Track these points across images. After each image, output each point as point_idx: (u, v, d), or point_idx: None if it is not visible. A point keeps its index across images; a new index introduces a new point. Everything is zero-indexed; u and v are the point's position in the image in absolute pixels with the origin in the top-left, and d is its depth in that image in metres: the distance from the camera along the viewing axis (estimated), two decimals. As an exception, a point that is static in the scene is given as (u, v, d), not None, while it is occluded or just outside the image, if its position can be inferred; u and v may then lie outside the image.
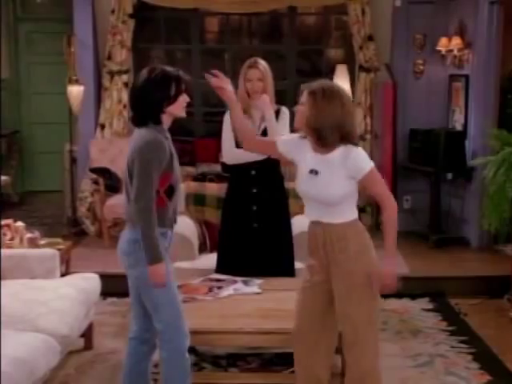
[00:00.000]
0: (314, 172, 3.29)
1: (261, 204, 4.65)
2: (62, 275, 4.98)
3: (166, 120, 3.50)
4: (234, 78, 8.95)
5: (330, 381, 3.53)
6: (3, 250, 4.84)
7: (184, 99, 3.48)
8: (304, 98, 3.27)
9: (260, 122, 4.62)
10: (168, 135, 3.51)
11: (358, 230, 3.36)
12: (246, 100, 4.60)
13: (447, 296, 5.99)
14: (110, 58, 7.68)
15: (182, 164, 8.04)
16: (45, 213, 8.61)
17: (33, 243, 5.37)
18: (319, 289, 3.38)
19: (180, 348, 3.50)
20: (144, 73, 3.45)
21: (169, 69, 3.48)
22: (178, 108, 3.49)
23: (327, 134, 3.21)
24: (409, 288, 5.89)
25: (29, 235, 5.43)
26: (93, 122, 7.76)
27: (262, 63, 4.63)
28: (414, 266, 6.42)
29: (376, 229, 6.99)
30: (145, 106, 3.42)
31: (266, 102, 4.49)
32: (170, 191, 3.44)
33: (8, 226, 5.33)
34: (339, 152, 3.25)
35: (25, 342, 3.67)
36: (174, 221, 3.54)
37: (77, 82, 7.43)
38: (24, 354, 3.56)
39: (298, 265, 4.85)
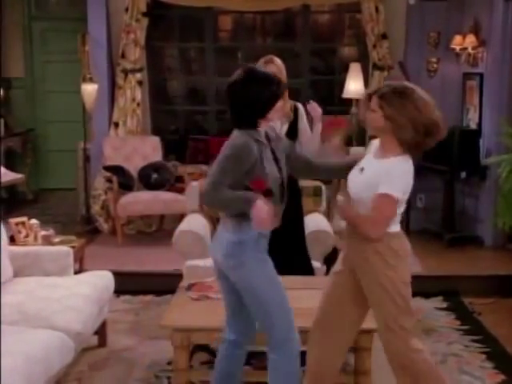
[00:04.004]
0: (361, 169, 3.29)
1: None
2: (76, 273, 5.02)
3: (264, 124, 3.38)
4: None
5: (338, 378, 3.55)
6: (18, 248, 4.88)
7: (279, 104, 3.41)
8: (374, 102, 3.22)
9: (281, 125, 4.59)
10: (264, 139, 3.35)
11: (390, 245, 3.24)
12: None
13: (461, 295, 5.96)
14: (123, 56, 7.69)
15: (195, 162, 8.19)
16: (59, 210, 8.64)
17: (47, 241, 5.41)
18: (349, 279, 3.38)
19: (291, 351, 3.38)
20: (248, 74, 3.31)
21: (269, 72, 3.41)
22: (274, 113, 3.39)
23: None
24: (422, 287, 5.85)
25: (43, 233, 5.47)
26: (106, 120, 7.78)
27: (278, 60, 4.62)
28: (427, 264, 6.40)
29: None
30: (250, 109, 3.29)
31: (317, 111, 4.48)
32: (270, 194, 3.31)
33: (23, 223, 5.37)
34: (391, 161, 3.20)
35: (39, 339, 3.69)
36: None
37: (91, 80, 7.46)
38: (38, 351, 3.58)
39: (314, 264, 4.88)
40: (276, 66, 4.57)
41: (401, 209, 3.28)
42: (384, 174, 3.16)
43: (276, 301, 3.35)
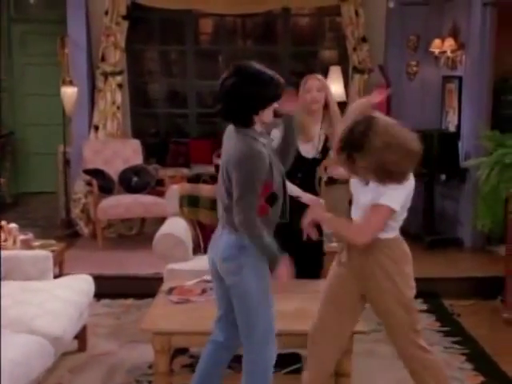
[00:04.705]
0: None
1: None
2: (56, 277, 4.99)
3: (258, 124, 3.31)
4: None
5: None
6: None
7: (275, 105, 3.33)
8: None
9: (318, 142, 4.57)
10: (265, 140, 3.32)
11: (388, 253, 3.35)
12: (304, 114, 4.49)
13: (441, 297, 5.99)
14: (103, 59, 7.67)
15: (176, 165, 8.17)
16: (39, 214, 8.59)
17: (26, 245, 5.37)
18: (351, 284, 3.42)
19: (267, 361, 3.40)
20: (244, 68, 3.26)
21: (268, 70, 3.32)
22: (269, 113, 3.31)
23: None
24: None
25: (22, 237, 5.42)
26: (86, 124, 7.75)
27: (320, 76, 4.68)
28: (407, 266, 6.42)
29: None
30: (242, 104, 3.21)
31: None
32: (272, 198, 3.30)
33: (1, 227, 5.33)
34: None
35: (19, 344, 3.66)
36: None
37: (70, 83, 7.42)
38: (18, 355, 3.56)
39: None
40: (318, 80, 4.58)
41: (402, 216, 3.35)
42: (386, 189, 3.20)
43: (263, 309, 3.34)
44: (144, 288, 5.61)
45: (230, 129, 3.35)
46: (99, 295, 5.22)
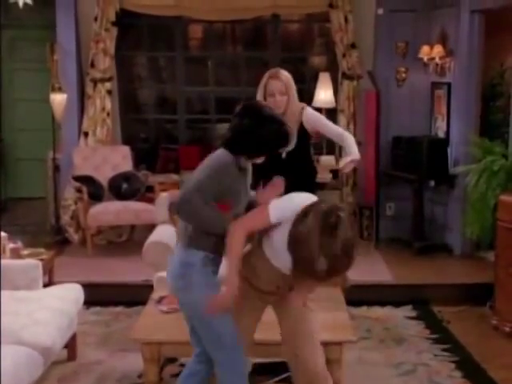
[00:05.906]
0: None
1: None
2: (45, 285, 4.98)
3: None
4: (217, 84, 8.93)
5: None
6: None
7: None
8: None
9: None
10: (246, 166, 3.32)
11: None
12: None
13: (430, 303, 6.01)
14: (93, 65, 7.65)
15: (166, 172, 8.15)
16: (28, 220, 8.56)
17: (15, 254, 5.35)
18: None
19: (239, 371, 3.30)
20: (269, 115, 3.25)
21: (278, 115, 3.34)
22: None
23: None
24: (392, 296, 5.91)
25: (11, 246, 5.40)
26: (76, 130, 7.73)
27: (285, 74, 4.34)
28: (397, 273, 6.45)
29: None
30: (257, 147, 3.24)
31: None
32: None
33: (-10, 236, 5.31)
34: None
35: (8, 355, 3.64)
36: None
37: (60, 89, 7.41)
38: (7, 366, 3.54)
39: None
40: (281, 82, 4.30)
41: None
42: None
43: (223, 325, 3.24)
44: (134, 295, 5.61)
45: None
46: (89, 303, 5.21)
